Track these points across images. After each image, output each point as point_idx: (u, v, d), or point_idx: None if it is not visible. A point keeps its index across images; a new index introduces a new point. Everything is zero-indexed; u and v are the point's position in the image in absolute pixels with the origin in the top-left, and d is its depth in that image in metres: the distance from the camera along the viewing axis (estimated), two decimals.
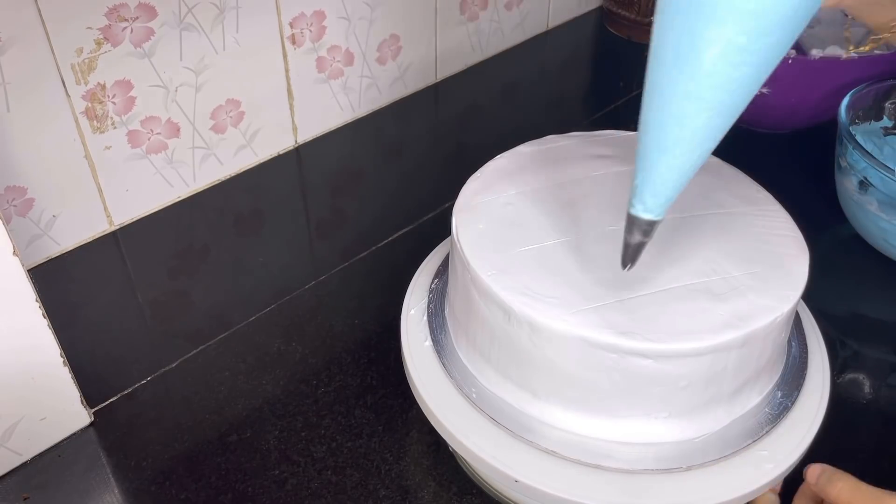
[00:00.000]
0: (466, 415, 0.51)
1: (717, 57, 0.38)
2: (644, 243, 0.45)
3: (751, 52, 0.38)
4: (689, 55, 0.39)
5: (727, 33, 0.37)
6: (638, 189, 0.43)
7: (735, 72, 0.39)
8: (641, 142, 0.43)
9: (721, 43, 0.38)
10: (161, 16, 0.73)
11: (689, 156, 0.41)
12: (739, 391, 0.49)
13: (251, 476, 0.59)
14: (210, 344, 0.69)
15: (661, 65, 0.40)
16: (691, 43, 0.38)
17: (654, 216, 0.44)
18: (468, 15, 1.02)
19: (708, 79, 0.39)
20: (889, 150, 0.81)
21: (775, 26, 0.38)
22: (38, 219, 0.74)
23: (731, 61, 0.38)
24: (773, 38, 0.38)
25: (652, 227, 0.44)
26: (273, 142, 0.90)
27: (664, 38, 0.40)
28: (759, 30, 0.37)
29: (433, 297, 0.58)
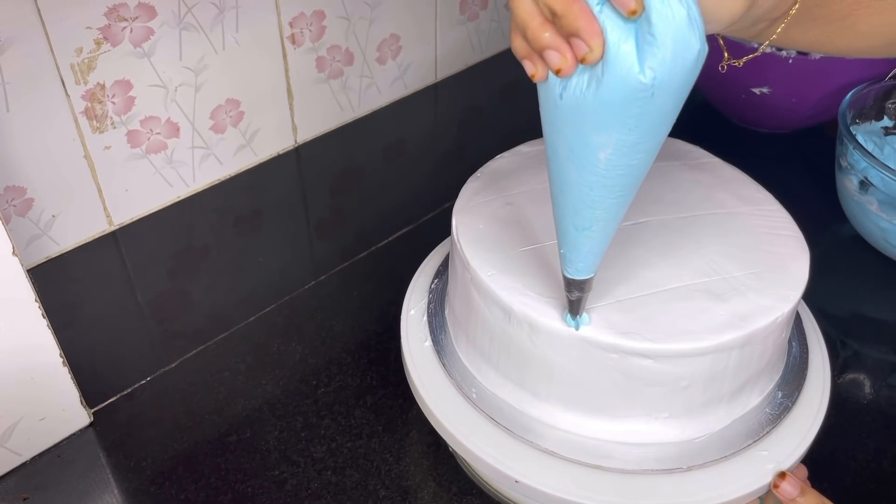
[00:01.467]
0: (466, 415, 0.51)
1: (611, 155, 0.38)
2: (584, 297, 0.45)
3: (643, 142, 0.38)
4: (585, 156, 0.39)
5: (616, 136, 0.37)
6: (566, 257, 0.44)
7: (632, 160, 0.39)
8: (558, 220, 0.43)
9: (612, 145, 0.38)
10: (161, 15, 0.73)
11: (606, 228, 0.42)
12: (740, 391, 0.49)
13: (251, 476, 0.59)
14: (210, 344, 0.69)
15: (560, 163, 0.40)
16: (584, 146, 0.38)
17: (586, 276, 0.45)
18: (468, 15, 1.02)
19: (607, 171, 0.39)
20: (889, 150, 0.81)
21: (665, 115, 0.37)
22: (38, 219, 0.74)
23: (626, 155, 0.38)
24: (665, 123, 0.38)
25: (587, 283, 0.45)
26: (273, 142, 0.90)
27: (557, 140, 0.39)
28: (648, 125, 0.37)
29: (433, 297, 0.58)
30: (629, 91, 0.35)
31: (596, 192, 0.40)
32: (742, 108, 0.91)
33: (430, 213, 0.83)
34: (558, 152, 0.40)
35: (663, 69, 0.35)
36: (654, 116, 0.37)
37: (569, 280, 0.45)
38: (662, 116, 0.37)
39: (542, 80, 0.38)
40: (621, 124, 0.37)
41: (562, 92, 0.37)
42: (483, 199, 0.54)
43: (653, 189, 0.55)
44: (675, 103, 0.37)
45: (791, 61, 0.82)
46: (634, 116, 0.36)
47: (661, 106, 0.36)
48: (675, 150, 0.59)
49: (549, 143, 0.40)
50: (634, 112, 0.36)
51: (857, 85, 0.80)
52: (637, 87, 0.35)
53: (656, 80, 0.35)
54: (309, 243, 0.82)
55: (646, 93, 0.35)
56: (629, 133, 0.37)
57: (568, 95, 0.37)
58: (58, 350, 0.58)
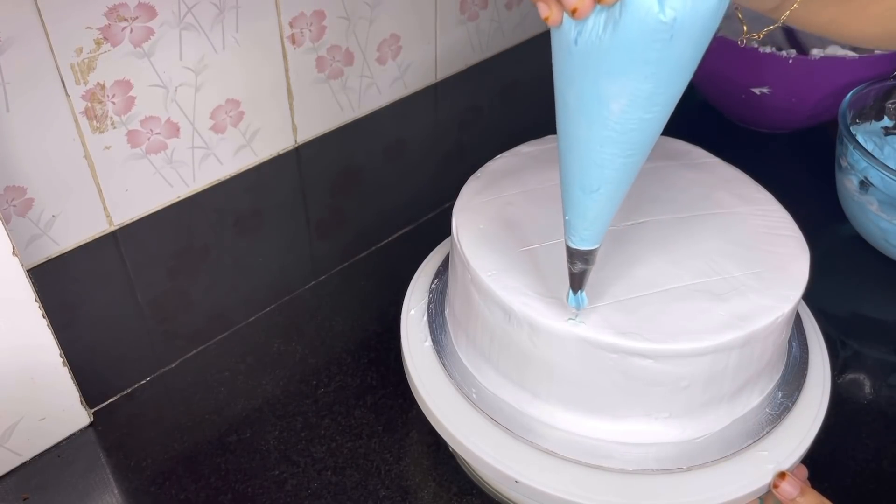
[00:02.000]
0: (466, 415, 0.51)
1: (625, 106, 0.37)
2: (587, 270, 0.44)
3: (659, 93, 0.37)
4: (598, 108, 0.37)
5: (631, 84, 0.36)
6: (571, 224, 0.43)
7: (647, 114, 0.37)
8: (565, 183, 0.42)
9: (626, 94, 0.37)
10: (161, 15, 0.73)
11: (614, 192, 0.41)
12: (740, 391, 0.49)
13: (251, 476, 0.59)
14: (210, 344, 0.69)
15: (569, 117, 0.39)
16: (597, 97, 0.37)
17: (591, 245, 0.44)
18: (468, 15, 1.02)
19: (620, 125, 0.38)
20: (889, 150, 0.81)
21: (683, 64, 0.36)
22: (38, 219, 0.74)
23: (641, 107, 0.37)
24: (683, 73, 0.37)
25: (591, 254, 0.44)
26: (273, 142, 0.90)
27: (568, 92, 0.38)
28: (665, 74, 0.36)
29: (433, 297, 0.58)
30: (648, 32, 0.34)
31: (607, 149, 0.39)
32: (742, 108, 0.91)
33: (430, 213, 0.83)
34: (568, 105, 0.38)
35: (684, 9, 0.34)
36: (671, 63, 0.36)
37: (572, 250, 0.44)
38: (680, 65, 0.36)
39: (556, 23, 0.36)
40: (637, 70, 0.36)
41: (576, 37, 0.36)
42: (483, 199, 0.54)
43: (652, 189, 0.55)
44: (693, 52, 0.36)
45: (791, 61, 0.82)
46: (652, 62, 0.35)
47: (680, 52, 0.35)
48: (675, 149, 0.59)
49: (560, 96, 0.39)
50: (652, 57, 0.35)
51: (857, 85, 0.80)
52: (656, 27, 0.34)
53: (676, 21, 0.34)
54: (309, 243, 0.82)
55: (665, 34, 0.34)
56: (645, 81, 0.36)
57: (583, 40, 0.36)
58: (58, 350, 0.57)
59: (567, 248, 0.44)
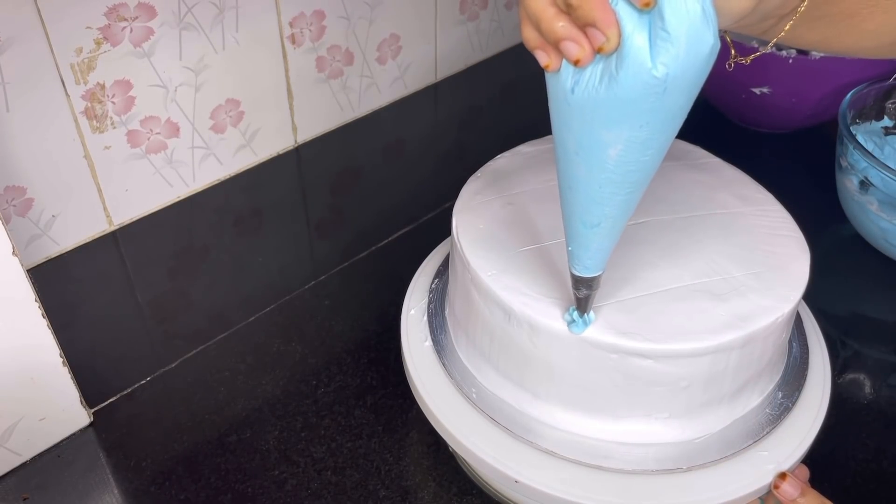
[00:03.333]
0: (466, 415, 0.51)
1: (622, 151, 0.38)
2: (592, 294, 0.45)
3: (654, 139, 0.38)
4: (596, 153, 0.38)
5: (627, 133, 0.37)
6: (574, 254, 0.44)
7: (643, 157, 0.38)
8: (567, 217, 0.43)
9: (623, 141, 0.37)
10: (160, 15, 0.73)
11: (615, 225, 0.42)
12: (740, 392, 0.49)
13: (251, 476, 0.59)
14: (210, 344, 0.69)
15: (569, 159, 0.40)
16: (595, 144, 0.38)
17: (595, 273, 0.44)
18: (468, 15, 1.02)
19: (618, 167, 0.39)
20: (890, 150, 0.81)
21: (676, 111, 0.37)
22: (38, 219, 0.74)
23: (637, 151, 0.38)
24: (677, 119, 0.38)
25: (595, 280, 0.45)
26: (273, 142, 0.90)
27: (566, 136, 0.39)
28: (660, 121, 0.37)
29: (433, 297, 0.58)
30: (642, 86, 0.35)
31: (606, 188, 0.40)
32: (742, 108, 0.91)
33: (430, 213, 0.83)
34: (567, 149, 0.39)
35: (676, 65, 0.34)
36: (665, 112, 0.36)
37: (577, 278, 0.45)
38: (674, 112, 0.37)
39: (555, 70, 0.37)
40: (633, 120, 0.36)
41: (573, 87, 0.37)
42: (483, 199, 0.54)
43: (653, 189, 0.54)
44: (686, 99, 0.37)
45: (791, 61, 0.82)
46: (646, 112, 0.36)
47: (673, 102, 0.36)
48: (676, 150, 0.59)
49: (558, 139, 0.40)
50: (646, 108, 0.36)
51: (857, 85, 0.80)
52: (650, 82, 0.35)
53: (669, 75, 0.35)
54: (309, 243, 0.82)
55: (658, 88, 0.35)
56: (640, 129, 0.37)
57: (579, 90, 0.37)
58: (58, 350, 0.57)
59: (571, 275, 0.45)
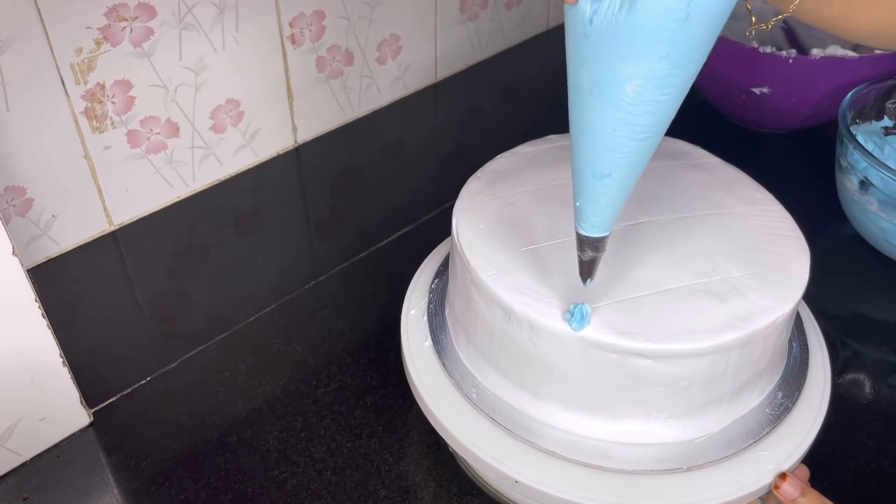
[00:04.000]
0: (466, 415, 0.51)
1: (640, 88, 0.37)
2: (597, 258, 0.44)
3: (674, 74, 0.37)
4: (611, 90, 0.37)
5: (646, 65, 0.36)
6: (581, 211, 0.43)
7: (661, 96, 0.37)
8: (576, 168, 0.42)
9: (641, 75, 0.37)
10: (160, 15, 0.73)
11: (627, 177, 0.41)
12: (740, 392, 0.49)
13: (251, 476, 0.59)
14: (210, 344, 0.69)
15: (582, 100, 0.39)
16: (611, 79, 0.37)
17: (602, 233, 0.44)
18: (468, 15, 1.02)
19: (634, 107, 0.38)
20: (890, 150, 0.81)
21: (697, 44, 0.36)
22: (38, 219, 0.74)
23: (655, 87, 0.37)
24: (698, 54, 0.37)
25: (602, 242, 0.44)
26: (273, 142, 0.90)
27: (581, 74, 0.38)
28: (679, 54, 0.36)
29: (433, 297, 0.58)
30: (664, 12, 0.34)
31: (620, 131, 0.39)
32: (742, 108, 0.91)
33: (430, 213, 0.83)
34: (582, 88, 0.38)
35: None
36: (686, 44, 0.36)
37: (582, 237, 0.44)
38: (695, 45, 0.36)
39: (573, 0, 0.37)
40: (653, 51, 0.36)
41: (592, 16, 0.36)
42: (483, 199, 0.54)
43: (653, 189, 0.55)
44: (709, 32, 0.36)
45: (791, 61, 0.82)
46: (667, 42, 0.35)
47: (695, 32, 0.35)
48: (675, 150, 0.59)
49: (573, 79, 0.39)
50: (667, 37, 0.35)
51: (857, 85, 0.80)
52: (672, 6, 0.34)
53: (693, 0, 0.34)
54: (309, 243, 0.82)
55: (680, 13, 0.34)
56: (660, 61, 0.36)
57: (598, 19, 0.36)
58: (58, 350, 0.57)
59: (577, 235, 0.44)
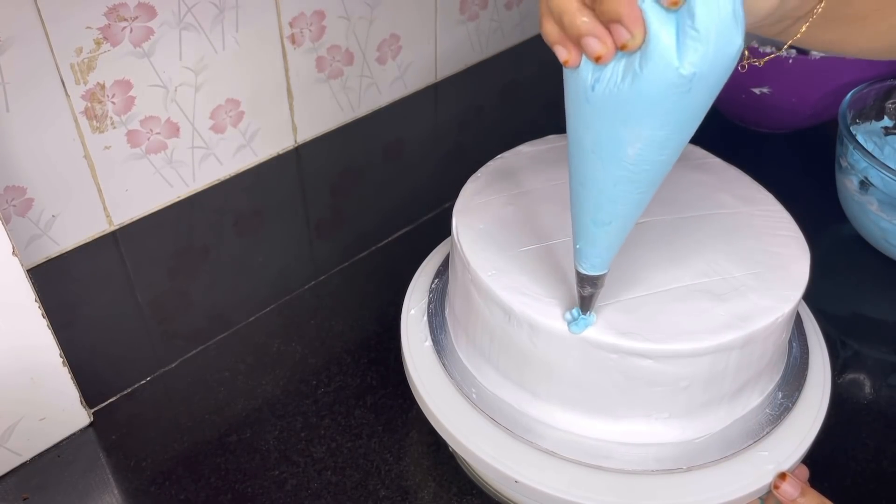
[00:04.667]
0: (466, 415, 0.51)
1: (640, 150, 0.38)
2: (596, 293, 0.45)
3: (673, 138, 0.37)
4: (613, 151, 0.38)
5: (647, 131, 0.37)
6: (582, 252, 0.44)
7: (660, 156, 0.38)
8: (577, 216, 0.43)
9: (642, 140, 0.37)
10: (160, 15, 0.73)
11: (625, 223, 0.42)
12: (740, 392, 0.49)
13: (251, 476, 0.59)
14: (210, 344, 0.69)
15: (584, 157, 0.40)
16: (613, 142, 0.38)
17: (601, 271, 0.44)
18: (468, 15, 1.02)
19: (635, 166, 0.38)
20: (890, 150, 0.81)
21: (697, 110, 0.37)
22: (38, 219, 0.74)
23: (656, 149, 0.38)
24: (697, 118, 0.37)
25: (600, 279, 0.45)
26: (273, 142, 0.90)
27: (583, 134, 0.39)
28: (681, 120, 0.37)
29: (433, 297, 0.58)
30: (666, 85, 0.35)
31: (621, 186, 0.39)
32: (742, 108, 0.91)
33: (430, 213, 0.83)
34: (584, 146, 0.39)
35: (704, 64, 0.34)
36: (687, 111, 0.36)
37: (583, 276, 0.44)
38: (695, 111, 0.36)
39: (574, 66, 0.37)
40: (654, 119, 0.36)
41: (594, 84, 0.36)
42: (483, 199, 0.54)
43: None
44: (708, 99, 0.36)
45: (791, 61, 0.82)
46: (668, 111, 0.36)
47: (696, 101, 0.36)
48: None
49: (574, 136, 0.39)
50: (669, 107, 0.35)
51: (857, 85, 0.80)
52: (675, 81, 0.34)
53: (696, 74, 0.34)
54: (309, 243, 0.82)
55: (683, 87, 0.35)
56: (661, 128, 0.36)
57: (601, 88, 0.36)
58: (58, 350, 0.57)
59: (577, 273, 0.45)
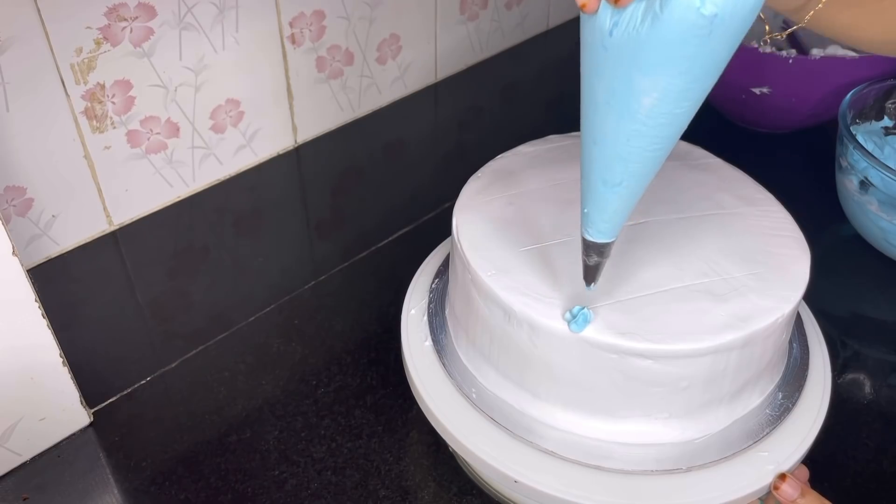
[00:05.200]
0: (466, 415, 0.51)
1: (657, 101, 0.37)
2: (602, 262, 0.45)
3: (691, 88, 0.36)
4: (628, 102, 0.37)
5: (665, 79, 0.36)
6: (589, 217, 0.43)
7: (677, 109, 0.37)
8: (587, 176, 0.42)
9: (659, 89, 0.36)
10: (160, 15, 0.73)
11: (637, 186, 0.41)
12: (740, 392, 0.49)
13: (251, 476, 0.59)
14: (210, 344, 0.69)
15: (597, 110, 0.38)
16: (628, 91, 0.37)
17: (608, 238, 0.44)
18: (468, 15, 1.02)
19: (650, 119, 0.37)
20: (889, 150, 0.81)
21: (717, 60, 0.36)
22: (38, 219, 0.74)
23: (673, 101, 0.37)
24: (716, 69, 0.36)
25: (607, 247, 0.44)
26: (273, 142, 0.90)
27: (597, 85, 0.38)
28: (699, 69, 0.36)
29: (433, 297, 0.58)
30: (687, 27, 0.34)
31: (634, 142, 0.38)
32: (742, 108, 0.91)
33: (430, 213, 0.83)
34: (597, 99, 0.38)
35: (725, 6, 0.33)
36: (706, 59, 0.35)
37: (589, 243, 0.44)
38: (714, 61, 0.36)
39: (592, 11, 0.36)
40: (673, 66, 0.35)
41: (612, 28, 0.35)
42: (484, 199, 0.54)
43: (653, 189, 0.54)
44: (728, 48, 0.35)
45: (791, 61, 0.82)
46: (688, 57, 0.35)
47: (716, 48, 0.35)
48: (676, 150, 0.58)
49: (588, 88, 0.38)
50: (688, 52, 0.35)
51: (857, 85, 0.80)
52: (696, 22, 0.34)
53: (717, 16, 0.33)
54: (309, 243, 0.82)
55: (704, 30, 0.34)
56: (679, 76, 0.36)
57: (619, 32, 0.35)
58: (58, 350, 0.57)
59: (583, 240, 0.44)
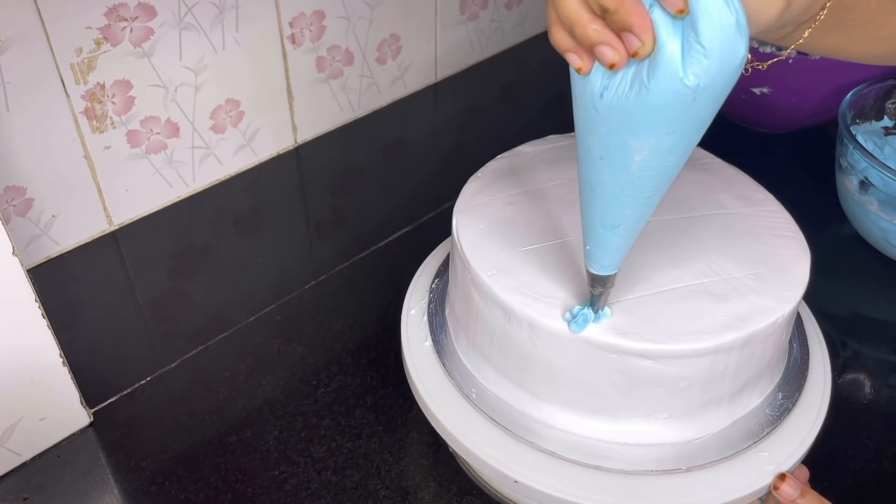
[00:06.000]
0: (466, 415, 0.51)
1: (647, 157, 0.38)
2: (606, 292, 0.46)
3: (679, 145, 0.38)
4: (620, 157, 0.39)
5: (653, 139, 0.38)
6: (592, 253, 0.45)
7: (666, 162, 0.39)
8: (586, 219, 0.44)
9: (649, 147, 0.38)
10: (160, 15, 0.73)
11: (634, 226, 0.43)
12: (740, 392, 0.49)
13: (251, 476, 0.59)
14: (210, 344, 0.69)
15: (592, 162, 0.40)
16: (620, 148, 0.38)
17: (611, 272, 0.45)
18: (468, 15, 1.02)
19: (641, 172, 0.39)
20: (890, 150, 0.81)
21: (703, 119, 0.37)
22: (38, 219, 0.74)
23: (662, 156, 0.38)
24: (702, 127, 0.38)
25: (610, 279, 0.45)
26: (273, 142, 0.90)
27: (591, 140, 0.40)
28: (686, 129, 0.37)
29: (433, 297, 0.58)
30: (672, 95, 0.36)
31: (627, 191, 0.40)
32: (742, 108, 0.91)
33: (430, 213, 0.83)
34: (591, 152, 0.40)
35: (707, 75, 0.35)
36: (692, 120, 0.37)
37: (593, 276, 0.45)
38: (700, 120, 0.37)
39: (587, 73, 0.38)
40: (660, 127, 0.37)
41: (602, 92, 0.37)
42: (484, 199, 0.54)
43: None
44: (713, 108, 0.37)
45: (791, 61, 0.82)
46: (674, 120, 0.37)
47: (701, 110, 0.37)
48: None
49: (582, 142, 0.40)
50: (674, 116, 0.36)
51: (857, 85, 0.80)
52: (680, 91, 0.35)
53: (700, 85, 0.35)
54: (309, 243, 0.82)
55: (688, 97, 0.36)
56: (667, 136, 0.37)
57: (609, 95, 0.37)
58: (58, 350, 0.57)
59: (588, 273, 0.46)
